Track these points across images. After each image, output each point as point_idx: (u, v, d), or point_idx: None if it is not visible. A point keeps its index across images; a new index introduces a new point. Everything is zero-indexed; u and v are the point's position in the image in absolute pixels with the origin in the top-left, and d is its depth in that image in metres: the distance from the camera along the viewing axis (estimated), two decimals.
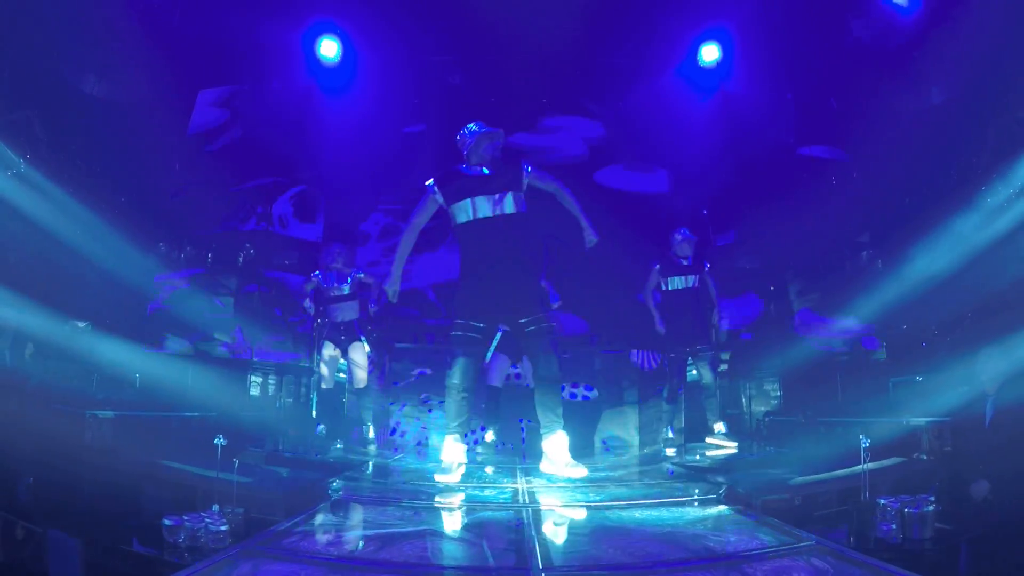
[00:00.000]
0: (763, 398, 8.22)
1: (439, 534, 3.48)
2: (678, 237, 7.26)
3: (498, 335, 6.51)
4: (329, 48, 8.58)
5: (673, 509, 4.07)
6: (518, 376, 7.57)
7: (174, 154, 8.42)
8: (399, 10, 8.23)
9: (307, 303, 7.41)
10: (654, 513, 3.93)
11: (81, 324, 6.87)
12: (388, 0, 8.24)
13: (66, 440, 5.20)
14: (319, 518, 3.79)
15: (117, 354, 7.27)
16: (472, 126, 5.00)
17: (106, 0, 6.99)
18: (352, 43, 8.62)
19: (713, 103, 8.77)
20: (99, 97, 7.55)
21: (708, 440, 7.11)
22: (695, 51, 8.47)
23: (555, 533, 3.53)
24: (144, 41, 7.43)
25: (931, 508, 3.89)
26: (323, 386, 7.48)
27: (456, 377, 4.81)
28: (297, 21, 8.33)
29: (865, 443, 4.21)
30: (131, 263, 7.59)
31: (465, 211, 4.79)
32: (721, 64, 8.43)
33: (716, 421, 7.17)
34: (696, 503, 4.30)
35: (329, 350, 7.40)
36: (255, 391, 8.88)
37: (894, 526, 3.85)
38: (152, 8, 7.49)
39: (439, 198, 4.87)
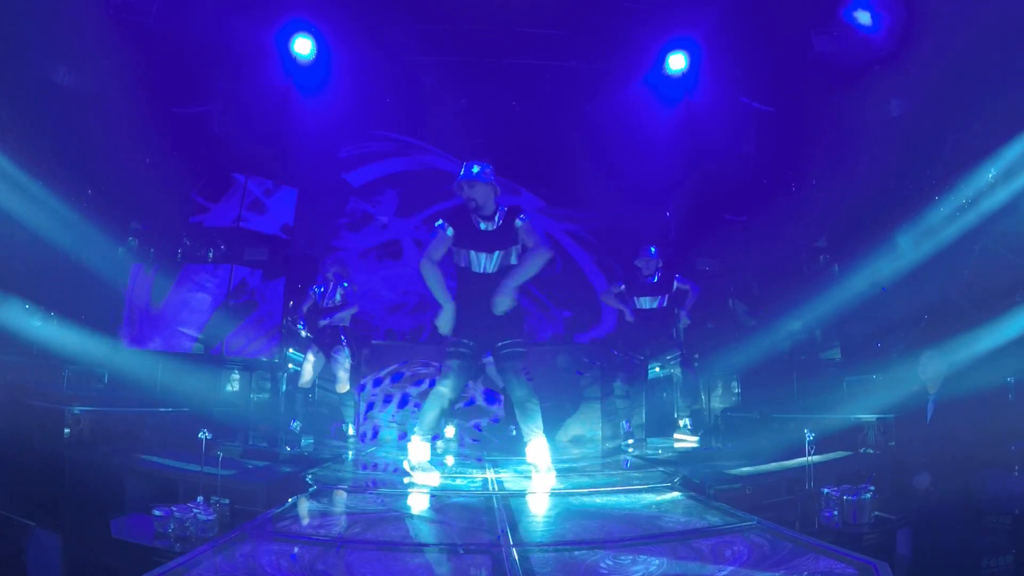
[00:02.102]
0: (721, 395, 8.55)
1: (417, 517, 3.74)
2: (642, 258, 7.49)
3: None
4: (303, 46, 8.69)
5: (631, 495, 4.38)
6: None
7: (146, 147, 8.43)
8: (372, 9, 8.35)
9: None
10: (614, 499, 4.23)
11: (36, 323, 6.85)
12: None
13: (44, 436, 5.31)
14: (305, 505, 4.01)
15: (85, 348, 7.34)
16: (463, 171, 5.10)
17: None
18: (326, 41, 8.73)
19: (677, 112, 9.07)
20: (70, 88, 7.57)
21: (675, 435, 7.45)
22: (662, 60, 8.74)
23: (523, 516, 3.80)
24: (118, 33, 7.50)
25: (869, 496, 4.23)
26: (301, 384, 7.67)
27: (446, 385, 5.02)
28: (271, 19, 8.40)
29: (810, 437, 4.54)
30: (101, 254, 7.65)
31: (462, 258, 5.07)
32: (686, 74, 8.72)
33: (683, 417, 7.51)
34: (653, 490, 4.61)
35: (313, 352, 7.63)
36: (226, 387, 8.97)
37: (835, 512, 4.19)
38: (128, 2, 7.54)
39: (449, 233, 5.03)
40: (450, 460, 6.42)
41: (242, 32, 8.33)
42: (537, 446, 5.02)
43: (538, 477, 4.92)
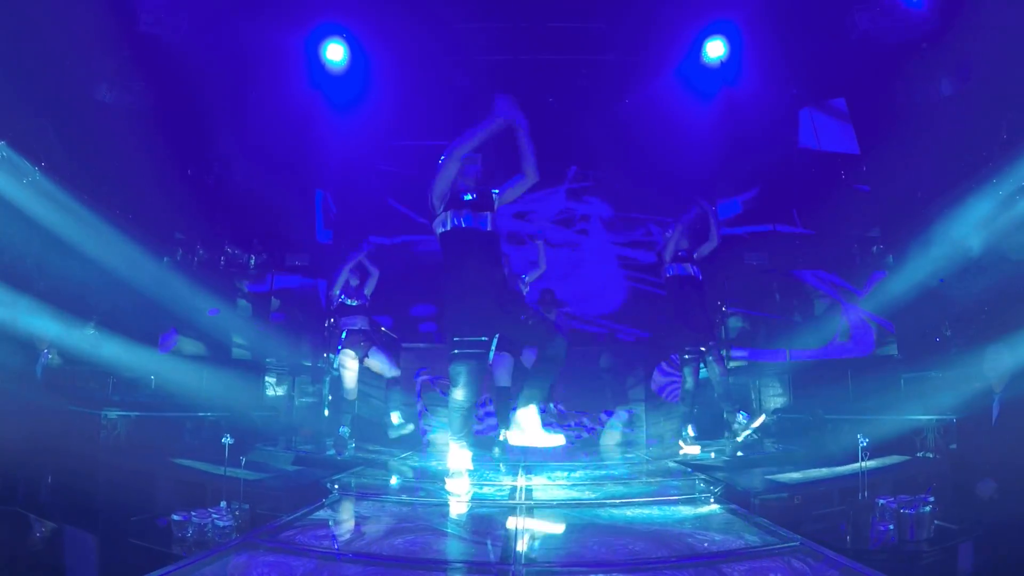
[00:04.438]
0: (773, 395, 8.18)
1: (430, 530, 3.53)
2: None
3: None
4: (335, 52, 8.64)
5: (666, 508, 4.08)
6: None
7: (187, 159, 8.53)
8: (404, 11, 8.27)
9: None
10: (646, 511, 3.95)
11: (89, 330, 6.96)
12: (394, 4, 8.28)
13: (81, 439, 5.37)
14: (319, 513, 3.89)
15: (131, 357, 7.42)
16: None
17: (117, 9, 7.15)
18: (359, 47, 8.68)
19: (717, 100, 8.76)
20: (111, 104, 7.69)
21: (734, 437, 7.11)
22: (699, 47, 8.45)
23: (543, 530, 3.58)
24: (155, 49, 7.59)
25: (929, 508, 3.89)
26: (348, 397, 7.48)
27: (460, 393, 4.64)
28: (303, 27, 8.40)
29: (863, 442, 4.21)
30: (143, 268, 7.73)
31: (443, 222, 4.79)
32: (726, 60, 8.40)
33: (734, 419, 7.15)
34: (691, 502, 4.30)
35: (348, 358, 7.42)
36: (270, 392, 9.01)
37: (891, 526, 3.86)
38: (161, 17, 7.62)
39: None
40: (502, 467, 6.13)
41: (277, 41, 8.32)
42: (531, 412, 4.73)
43: (543, 442, 4.63)
